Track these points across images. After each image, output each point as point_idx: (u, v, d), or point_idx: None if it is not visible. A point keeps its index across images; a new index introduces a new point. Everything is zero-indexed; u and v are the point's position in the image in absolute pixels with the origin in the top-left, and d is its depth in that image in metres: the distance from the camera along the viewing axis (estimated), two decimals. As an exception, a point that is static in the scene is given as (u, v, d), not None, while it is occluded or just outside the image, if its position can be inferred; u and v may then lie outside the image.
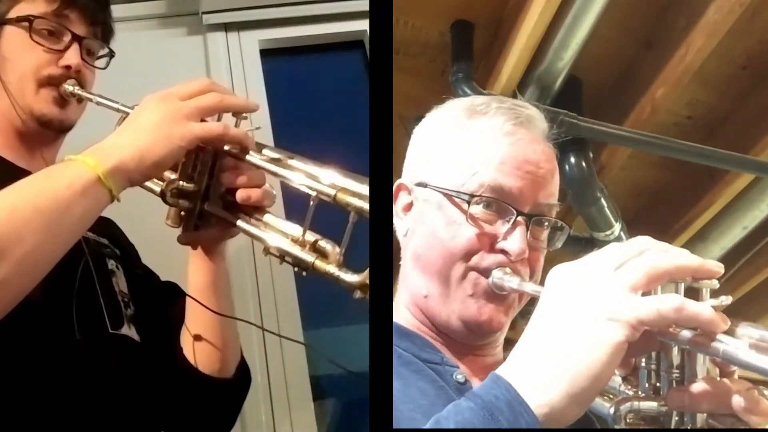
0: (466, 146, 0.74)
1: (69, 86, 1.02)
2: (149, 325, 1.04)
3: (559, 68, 1.94)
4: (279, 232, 0.85)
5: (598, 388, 0.49)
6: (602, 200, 2.07)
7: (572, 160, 2.16)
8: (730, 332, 0.49)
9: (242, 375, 1.08)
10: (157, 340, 1.04)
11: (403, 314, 0.78)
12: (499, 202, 0.71)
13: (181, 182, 0.89)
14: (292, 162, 0.84)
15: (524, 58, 1.93)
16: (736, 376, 0.53)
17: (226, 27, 1.86)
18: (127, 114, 0.95)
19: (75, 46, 1.04)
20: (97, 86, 1.11)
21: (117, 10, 1.17)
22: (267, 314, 1.55)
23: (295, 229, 0.83)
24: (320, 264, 0.78)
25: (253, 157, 0.86)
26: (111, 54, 1.14)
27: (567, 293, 0.52)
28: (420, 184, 0.77)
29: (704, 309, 0.49)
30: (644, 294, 0.50)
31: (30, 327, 0.80)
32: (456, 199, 0.72)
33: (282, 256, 0.82)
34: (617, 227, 2.16)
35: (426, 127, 0.82)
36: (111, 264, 1.03)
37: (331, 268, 0.77)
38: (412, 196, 0.79)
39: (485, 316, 0.72)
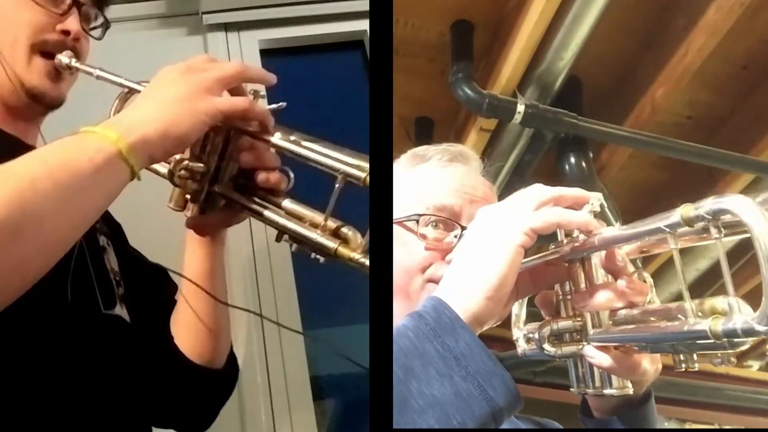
0: (412, 185, 0.83)
1: (65, 58, 0.92)
2: (139, 306, 0.99)
3: (559, 68, 1.95)
4: (296, 216, 0.80)
5: (505, 285, 0.60)
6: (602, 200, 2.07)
7: (572, 160, 2.17)
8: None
9: (231, 366, 1.04)
10: (148, 324, 0.99)
11: None
12: (444, 220, 0.79)
13: (190, 162, 0.82)
14: (311, 144, 0.79)
15: (524, 58, 1.93)
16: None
17: (226, 27, 1.86)
18: (131, 89, 0.89)
19: (75, 12, 0.94)
20: (96, 86, 1.00)
21: (117, 10, 1.15)
22: (267, 315, 1.54)
23: (315, 215, 0.79)
24: (343, 250, 0.74)
25: (274, 137, 0.80)
26: (106, 24, 1.03)
27: (481, 223, 0.65)
28: None
29: (579, 213, 0.63)
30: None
31: (25, 307, 0.69)
32: (408, 224, 0.79)
33: (299, 241, 0.77)
34: (617, 227, 2.16)
35: None
36: (102, 240, 0.97)
37: (356, 255, 0.74)
38: None
39: None
